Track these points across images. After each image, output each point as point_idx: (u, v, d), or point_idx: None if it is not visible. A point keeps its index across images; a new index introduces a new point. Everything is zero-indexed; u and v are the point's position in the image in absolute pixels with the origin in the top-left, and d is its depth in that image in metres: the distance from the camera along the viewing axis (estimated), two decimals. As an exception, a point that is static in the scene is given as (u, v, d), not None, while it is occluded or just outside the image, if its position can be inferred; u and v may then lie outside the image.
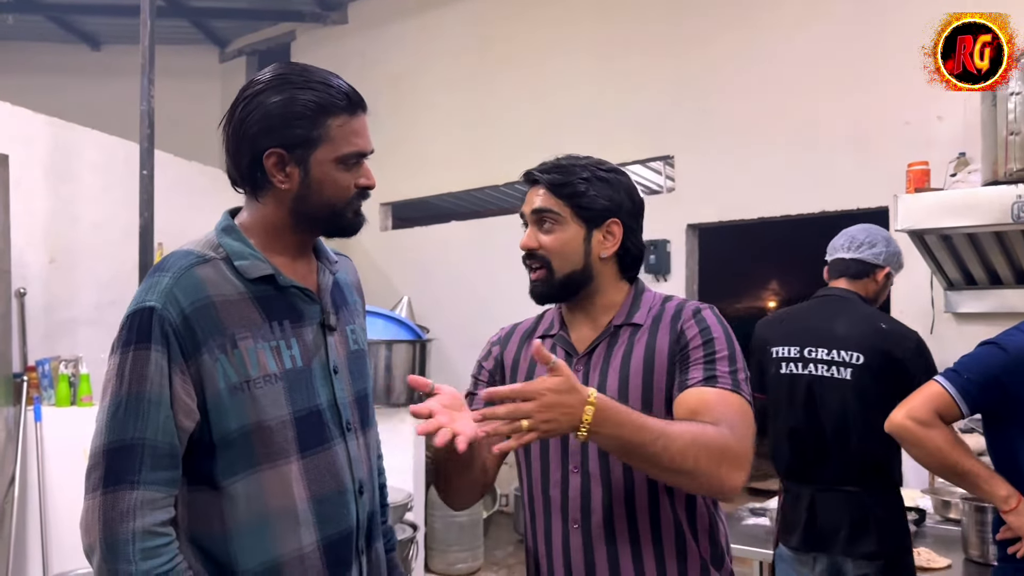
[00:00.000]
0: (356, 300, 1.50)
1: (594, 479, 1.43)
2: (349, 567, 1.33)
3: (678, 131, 5.13)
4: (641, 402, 1.41)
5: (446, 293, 5.85)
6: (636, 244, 1.53)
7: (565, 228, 1.47)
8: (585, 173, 1.48)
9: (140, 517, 1.15)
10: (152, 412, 1.17)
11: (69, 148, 4.29)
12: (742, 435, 1.33)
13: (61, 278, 4.20)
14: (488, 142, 5.98)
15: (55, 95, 6.50)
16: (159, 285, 1.22)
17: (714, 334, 1.42)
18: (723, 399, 1.35)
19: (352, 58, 6.81)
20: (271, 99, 1.26)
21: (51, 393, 3.80)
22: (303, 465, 1.27)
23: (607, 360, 1.48)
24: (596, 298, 1.52)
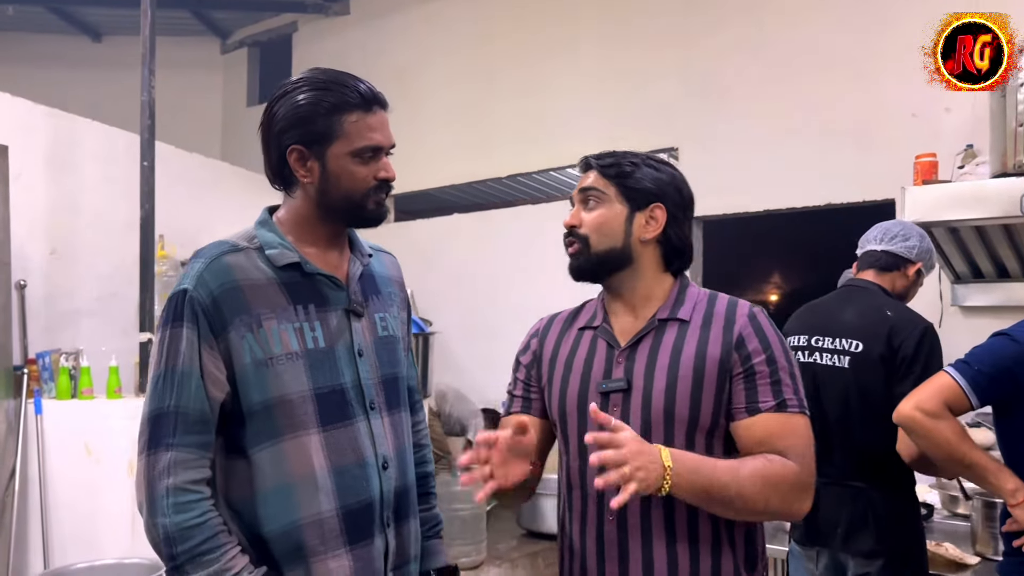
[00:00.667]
0: (393, 292, 1.61)
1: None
2: (371, 537, 1.44)
3: (683, 123, 5.08)
4: (689, 406, 1.41)
5: (449, 286, 5.82)
6: (680, 235, 1.53)
7: (608, 206, 1.50)
8: (635, 159, 1.52)
9: (173, 475, 1.30)
10: (184, 383, 1.33)
11: (70, 139, 4.26)
12: (808, 462, 1.38)
13: (62, 270, 4.17)
14: (491, 134, 5.94)
15: (56, 87, 6.47)
16: (193, 270, 1.39)
17: (774, 348, 1.43)
18: (791, 426, 1.39)
19: (354, 50, 6.77)
20: (293, 100, 1.42)
21: (52, 386, 3.78)
22: (323, 437, 1.40)
23: (653, 356, 1.47)
24: (636, 285, 1.52)
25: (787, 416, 1.40)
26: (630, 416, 1.45)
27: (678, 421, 1.42)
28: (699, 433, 1.42)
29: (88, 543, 3.54)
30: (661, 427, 1.43)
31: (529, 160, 5.78)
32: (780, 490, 1.35)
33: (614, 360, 1.50)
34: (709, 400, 1.42)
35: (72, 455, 3.65)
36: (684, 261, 1.56)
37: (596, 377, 1.50)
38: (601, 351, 1.53)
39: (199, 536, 1.31)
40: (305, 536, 1.38)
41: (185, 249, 4.72)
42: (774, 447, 1.38)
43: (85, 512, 3.61)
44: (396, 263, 1.71)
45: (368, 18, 6.78)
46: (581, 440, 1.47)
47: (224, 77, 7.76)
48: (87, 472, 3.62)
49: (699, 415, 1.42)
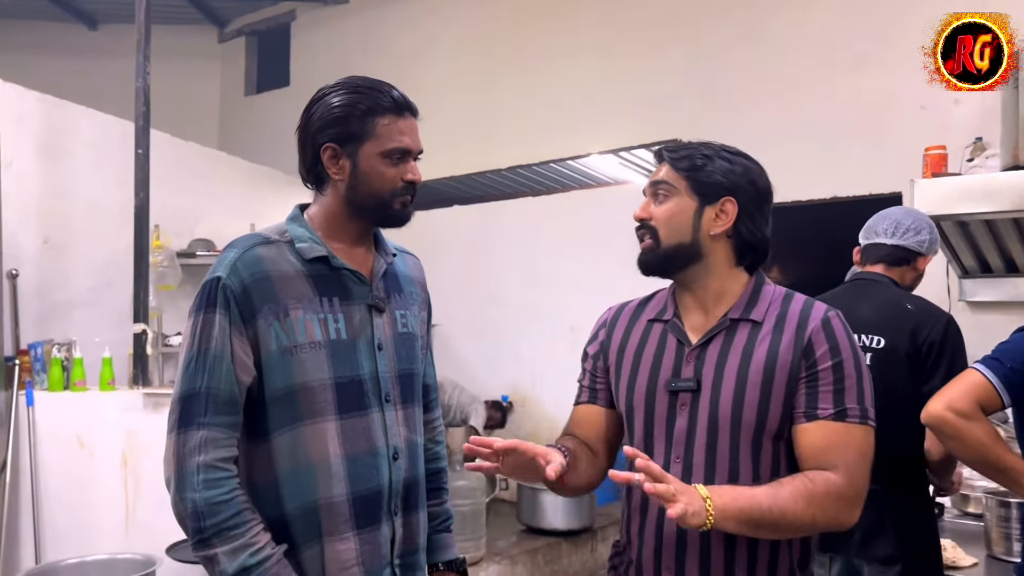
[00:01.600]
0: (414, 292, 1.67)
1: (696, 470, 1.43)
2: (378, 523, 1.50)
3: (685, 114, 5.02)
4: (757, 411, 1.40)
5: (449, 279, 5.75)
6: (752, 230, 1.49)
7: (677, 200, 1.47)
8: (708, 151, 1.49)
9: (204, 453, 1.37)
10: (216, 366, 1.40)
11: (63, 126, 4.19)
12: (857, 475, 1.37)
13: (55, 259, 4.11)
14: (491, 125, 5.87)
15: (51, 74, 6.38)
16: (227, 259, 1.46)
17: (843, 354, 1.40)
18: (847, 437, 1.37)
19: (353, 39, 6.71)
20: (330, 103, 1.50)
21: (44, 377, 3.72)
22: (340, 425, 1.46)
23: (723, 358, 1.45)
24: (707, 281, 1.49)
25: (845, 426, 1.38)
26: (697, 417, 1.43)
27: (745, 425, 1.41)
28: (766, 438, 1.41)
29: (80, 537, 3.49)
30: (728, 430, 1.42)
31: (531, 152, 5.72)
32: (823, 507, 1.34)
33: (684, 358, 1.48)
34: (778, 405, 1.40)
35: (65, 448, 3.59)
36: (758, 256, 1.52)
37: (665, 374, 1.49)
38: (671, 347, 1.51)
39: (227, 512, 1.37)
40: (320, 517, 1.45)
41: (180, 239, 4.66)
42: (825, 459, 1.37)
43: (78, 506, 3.55)
44: (419, 265, 1.77)
45: (367, 7, 6.71)
46: (645, 434, 1.50)
47: (222, 66, 7.69)
48: (80, 465, 3.57)
49: (767, 420, 1.40)
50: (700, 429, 1.43)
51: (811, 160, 4.53)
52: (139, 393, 3.74)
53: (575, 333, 5.27)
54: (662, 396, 1.47)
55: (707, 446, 1.42)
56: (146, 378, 3.87)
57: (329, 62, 6.81)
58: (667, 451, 1.46)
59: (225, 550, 1.36)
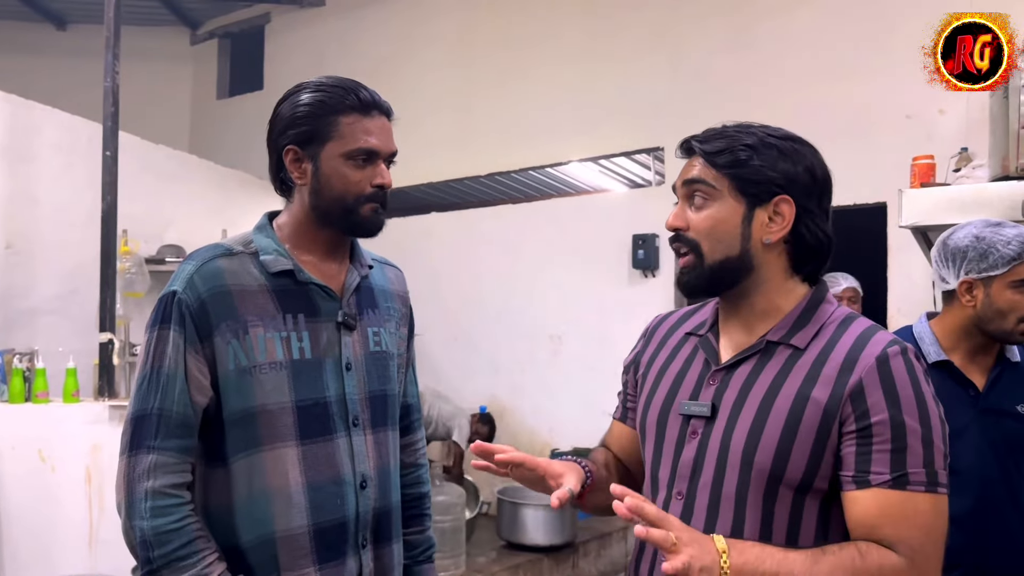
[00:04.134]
0: (392, 307, 1.57)
1: (697, 513, 1.21)
2: (342, 557, 1.40)
3: (668, 122, 4.95)
4: (774, 455, 1.15)
5: (425, 288, 5.62)
6: (814, 232, 1.23)
7: (720, 204, 1.22)
8: (751, 139, 1.23)
9: (154, 479, 1.29)
10: (169, 386, 1.32)
11: (28, 127, 4.05)
12: (924, 559, 1.11)
13: (18, 265, 3.96)
14: (471, 131, 5.78)
15: (19, 75, 6.19)
16: (184, 272, 1.37)
17: (903, 405, 1.12)
18: (909, 508, 1.11)
19: (329, 43, 6.59)
20: (293, 102, 1.42)
21: (3, 389, 3.56)
22: (301, 451, 1.37)
23: (748, 384, 1.21)
24: (755, 297, 1.25)
25: (906, 496, 1.11)
26: (707, 449, 1.22)
27: (757, 468, 1.17)
28: (784, 488, 1.16)
29: (42, 557, 3.34)
30: (737, 470, 1.18)
31: (510, 158, 5.63)
32: None
33: (707, 379, 1.26)
34: (802, 454, 1.14)
35: (25, 463, 3.44)
36: (821, 261, 1.27)
37: (684, 395, 1.28)
38: (697, 365, 1.30)
39: (176, 541, 1.29)
40: (277, 550, 1.36)
41: (150, 244, 4.52)
42: (880, 534, 1.11)
43: (39, 524, 3.40)
44: (401, 277, 1.67)
45: (344, 9, 6.59)
46: (655, 458, 1.30)
47: (194, 69, 7.54)
48: (41, 481, 3.42)
49: (785, 468, 1.15)
50: (708, 464, 1.21)
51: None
52: (105, 405, 3.59)
53: (555, 342, 5.19)
54: (675, 420, 1.28)
55: (712, 486, 1.21)
56: (112, 389, 3.72)
57: (304, 65, 6.68)
58: (670, 485, 1.26)
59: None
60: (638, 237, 4.94)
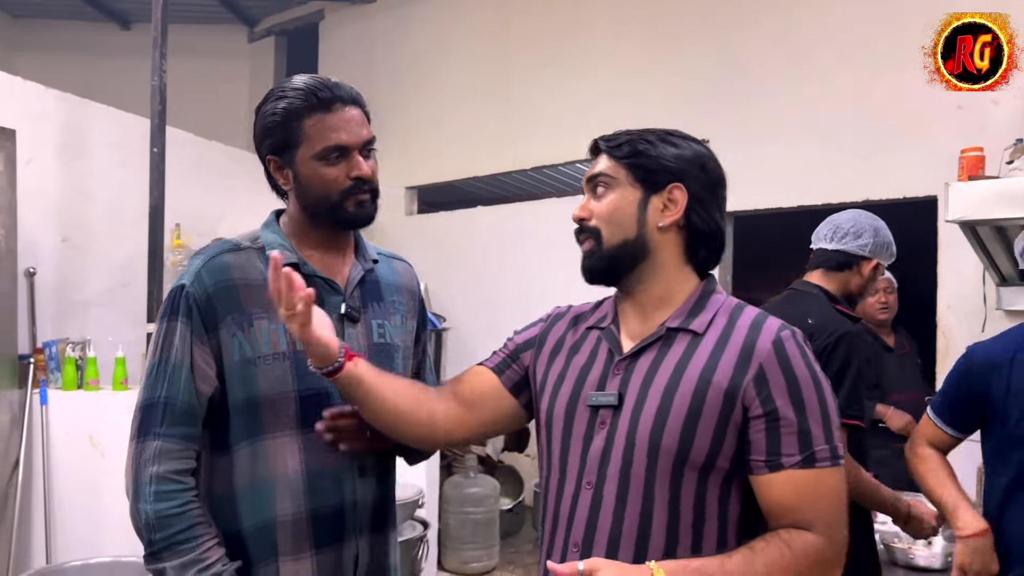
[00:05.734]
0: (399, 300, 1.60)
1: (607, 500, 1.25)
2: (339, 543, 1.44)
3: (714, 115, 4.89)
4: (680, 437, 1.21)
5: (470, 281, 5.68)
6: (706, 220, 1.32)
7: (619, 192, 1.32)
8: (651, 137, 1.34)
9: (158, 464, 1.34)
10: (175, 375, 1.37)
11: (83, 125, 4.18)
12: (836, 530, 1.21)
13: (73, 258, 4.10)
14: (516, 126, 5.79)
15: (84, 75, 6.45)
16: (193, 267, 1.43)
17: (803, 387, 1.21)
18: (819, 486, 1.20)
19: (378, 39, 6.67)
20: (264, 111, 1.46)
21: (58, 376, 3.71)
22: (302, 440, 1.41)
23: (652, 372, 1.27)
24: (651, 283, 1.32)
25: (815, 474, 1.19)
26: (615, 438, 1.26)
27: (664, 452, 1.22)
28: (688, 470, 1.22)
29: (91, 538, 3.46)
30: (644, 456, 1.23)
31: (555, 152, 5.62)
32: (802, 572, 1.17)
33: (611, 370, 1.31)
34: (706, 434, 1.21)
35: (77, 447, 3.57)
36: (712, 251, 1.35)
37: (590, 386, 1.33)
38: (601, 357, 1.35)
39: (177, 525, 1.33)
40: (277, 535, 1.40)
41: (203, 238, 4.62)
42: (799, 516, 1.19)
43: (88, 506, 3.53)
44: (410, 271, 1.70)
45: (392, 6, 6.66)
46: (561, 454, 1.34)
47: (251, 66, 7.70)
48: (91, 465, 3.54)
49: (690, 450, 1.21)
50: (616, 452, 1.25)
51: (843, 161, 4.39)
52: (152, 393, 3.70)
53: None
54: (582, 411, 1.31)
55: (620, 473, 1.24)
56: (160, 378, 3.83)
57: (355, 61, 6.78)
58: (579, 475, 1.29)
59: (174, 564, 1.33)
60: (682, 231, 4.88)
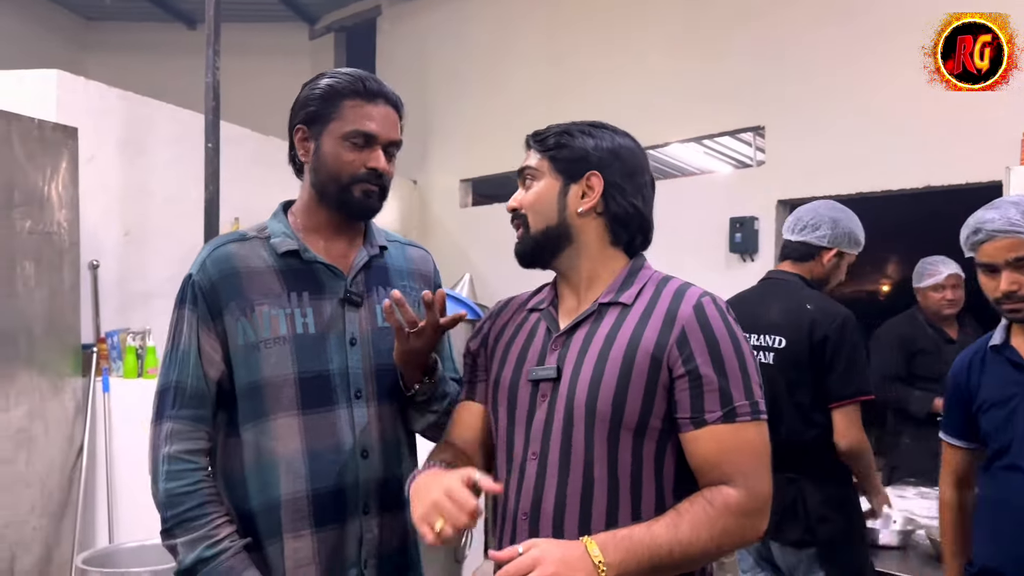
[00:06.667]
0: (409, 286, 1.61)
1: (551, 467, 1.32)
2: (341, 523, 1.47)
3: (768, 101, 4.79)
4: (612, 401, 1.28)
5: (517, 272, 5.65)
6: (623, 206, 1.40)
7: (542, 182, 1.41)
8: (573, 130, 1.43)
9: (170, 444, 1.41)
10: (184, 361, 1.44)
11: (143, 122, 4.33)
12: (756, 481, 1.27)
13: (135, 251, 4.25)
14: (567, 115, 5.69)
15: (151, 74, 6.65)
16: (200, 257, 1.49)
17: (721, 346, 1.28)
18: (739, 440, 1.27)
19: (434, 33, 6.71)
20: (307, 87, 1.52)
21: (119, 364, 3.85)
22: (303, 421, 1.45)
23: (587, 344, 1.35)
24: (580, 265, 1.41)
25: (736, 428, 1.26)
26: (555, 408, 1.34)
27: (599, 417, 1.29)
28: (624, 432, 1.29)
29: (150, 521, 3.57)
30: (583, 422, 1.30)
31: (608, 142, 5.58)
32: (727, 530, 1.23)
33: (549, 346, 1.39)
34: (637, 396, 1.28)
35: (137, 433, 3.67)
36: (633, 234, 1.42)
37: (531, 363, 1.40)
38: (540, 335, 1.43)
39: (188, 503, 1.39)
40: (281, 514, 1.44)
41: (260, 232, 4.75)
42: (720, 471, 1.26)
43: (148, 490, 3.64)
44: (425, 258, 1.71)
45: (448, 0, 6.69)
46: (508, 429, 1.41)
47: (311, 63, 7.82)
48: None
49: (623, 412, 1.28)
50: (557, 422, 1.32)
51: (902, 146, 4.25)
52: (208, 382, 3.82)
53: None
54: (525, 387, 1.39)
55: (562, 440, 1.31)
56: (216, 367, 3.95)
57: (411, 55, 6.85)
58: (525, 446, 1.36)
59: (184, 541, 1.38)
60: (735, 220, 4.81)
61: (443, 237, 6.43)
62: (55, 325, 3.60)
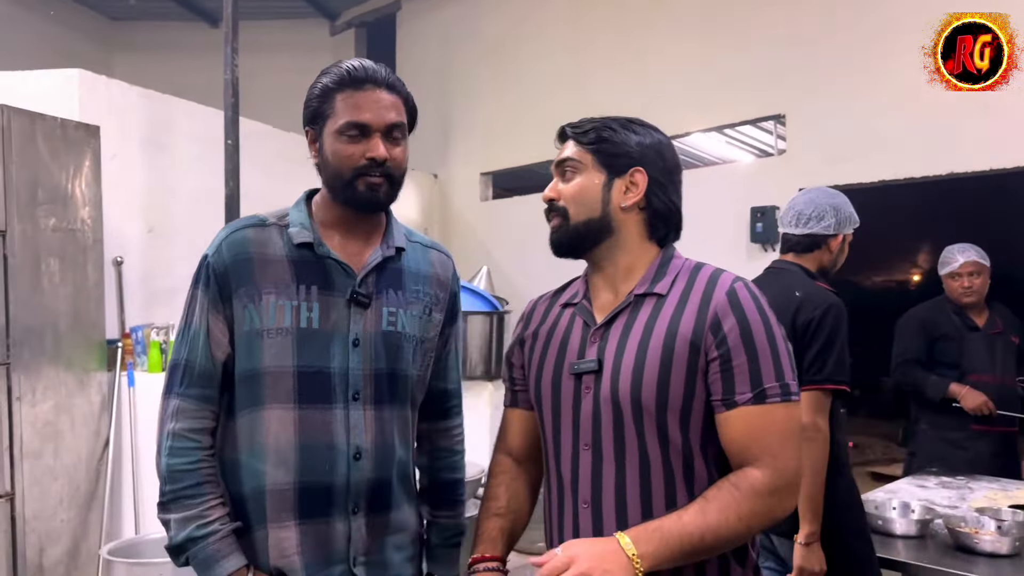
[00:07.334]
0: (424, 290, 1.58)
1: (606, 457, 1.36)
2: (328, 518, 1.47)
3: (789, 89, 4.75)
4: (656, 389, 1.32)
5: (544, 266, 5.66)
6: (664, 201, 1.43)
7: (585, 175, 1.43)
8: (614, 124, 1.45)
9: (175, 421, 1.42)
10: (194, 340, 1.45)
11: (165, 120, 4.38)
12: (783, 461, 1.30)
13: (159, 247, 4.30)
14: (587, 107, 5.64)
15: (176, 71, 6.73)
16: (217, 239, 1.49)
17: (753, 327, 1.32)
18: (768, 421, 1.30)
19: (452, 27, 6.72)
20: (312, 86, 1.50)
21: (144, 359, 3.90)
22: (298, 415, 1.44)
23: (625, 335, 1.38)
24: (618, 258, 1.44)
25: (765, 409, 1.29)
26: (600, 400, 1.36)
27: (646, 405, 1.32)
28: (671, 417, 1.32)
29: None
30: (630, 411, 1.34)
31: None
32: (755, 511, 1.27)
33: (588, 339, 1.42)
34: (679, 383, 1.31)
35: (162, 427, 3.75)
36: (670, 228, 1.46)
37: (571, 357, 1.43)
38: (577, 329, 1.46)
39: (186, 480, 1.41)
40: (267, 502, 1.45)
41: (281, 227, 4.78)
42: (748, 453, 1.29)
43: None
44: (446, 263, 1.67)
45: (467, -8, 6.70)
46: (554, 424, 1.44)
47: (333, 59, 7.67)
48: (175, 444, 3.72)
49: (667, 399, 1.31)
50: (605, 413, 1.35)
51: (925, 133, 4.19)
52: (231, 376, 3.86)
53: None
54: (567, 381, 1.42)
55: (614, 430, 1.35)
56: (239, 361, 3.99)
57: (431, 50, 6.86)
58: (575, 439, 1.40)
59: (178, 518, 1.40)
60: (756, 210, 4.78)
61: (464, 230, 6.45)
62: (80, 321, 3.66)
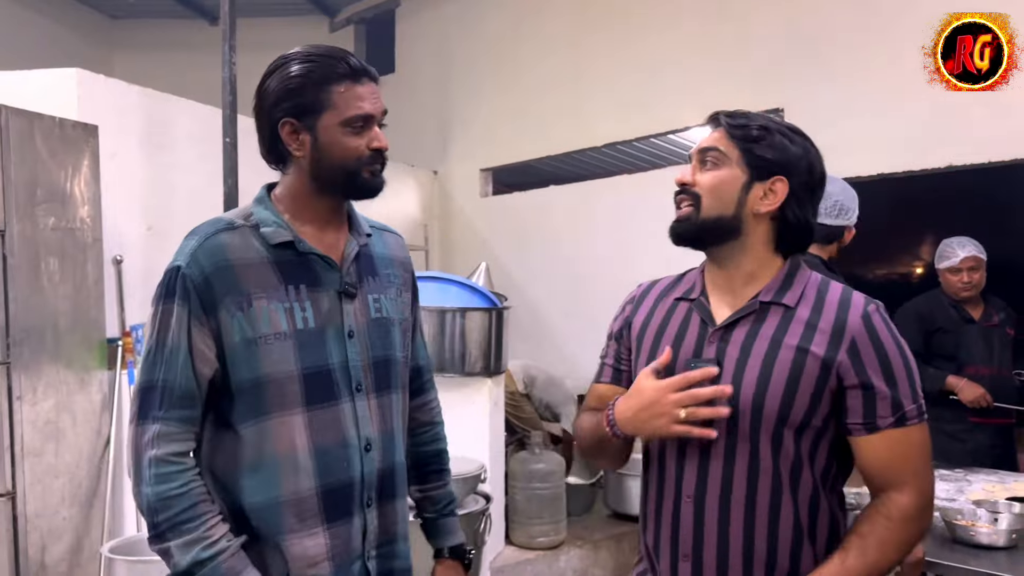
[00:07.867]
0: (392, 273, 1.60)
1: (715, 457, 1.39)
2: (349, 516, 1.46)
3: (787, 83, 4.75)
4: (780, 402, 1.34)
5: (545, 260, 5.70)
6: (799, 217, 1.41)
7: (727, 169, 1.40)
8: (768, 124, 1.41)
9: (157, 447, 1.34)
10: (172, 359, 1.36)
11: (164, 118, 4.38)
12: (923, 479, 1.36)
13: (158, 246, 4.29)
14: (587, 102, 5.75)
15: (176, 70, 6.73)
16: (187, 248, 1.41)
17: (891, 356, 1.35)
18: (909, 443, 1.35)
19: (452, 23, 6.72)
20: (284, 74, 1.42)
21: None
22: (308, 417, 1.42)
23: (749, 342, 1.39)
24: (741, 261, 1.42)
25: (906, 432, 1.35)
26: (717, 400, 1.37)
27: (767, 414, 1.35)
28: (787, 430, 1.36)
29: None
30: (748, 418, 1.36)
31: (627, 128, 5.57)
32: (910, 539, 1.36)
33: (707, 339, 1.42)
34: (804, 399, 1.34)
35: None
36: (798, 243, 1.45)
37: (686, 353, 1.43)
38: (694, 326, 1.45)
39: (180, 505, 1.34)
40: (283, 513, 1.41)
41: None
42: (892, 475, 1.36)
43: (174, 480, 3.72)
44: (400, 243, 1.69)
45: (466, -11, 6.70)
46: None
47: (332, 56, 7.86)
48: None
49: (790, 413, 1.35)
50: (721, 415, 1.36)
51: (923, 126, 4.19)
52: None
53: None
54: None
55: (727, 430, 1.36)
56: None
57: (430, 46, 6.86)
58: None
59: (178, 544, 1.33)
60: (755, 204, 4.78)
61: (463, 227, 6.46)
62: (80, 320, 3.66)
